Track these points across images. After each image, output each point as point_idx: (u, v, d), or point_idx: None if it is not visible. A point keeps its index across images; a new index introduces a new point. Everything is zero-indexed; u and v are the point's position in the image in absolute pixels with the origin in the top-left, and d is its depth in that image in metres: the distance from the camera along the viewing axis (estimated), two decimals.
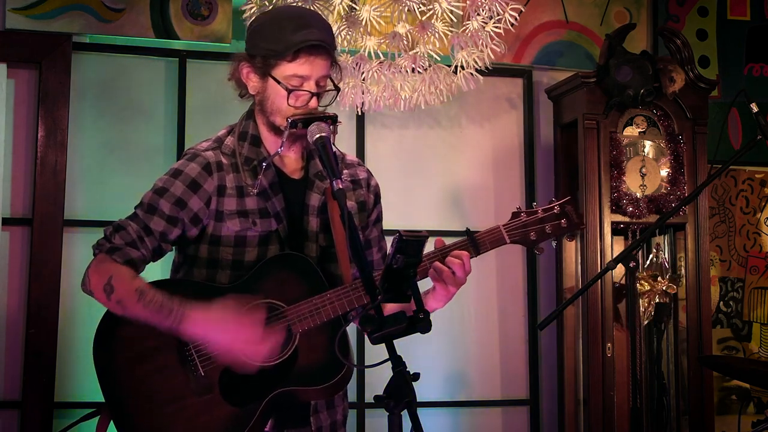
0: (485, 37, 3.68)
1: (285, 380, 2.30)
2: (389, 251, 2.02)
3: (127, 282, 2.30)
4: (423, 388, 2.45)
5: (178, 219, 2.38)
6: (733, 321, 4.65)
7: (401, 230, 2.01)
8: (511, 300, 4.41)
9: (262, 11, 3.61)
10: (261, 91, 2.41)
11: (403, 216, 4.29)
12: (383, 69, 3.66)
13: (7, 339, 3.89)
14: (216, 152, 2.43)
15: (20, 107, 3.98)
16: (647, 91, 4.06)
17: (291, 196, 2.44)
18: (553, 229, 2.46)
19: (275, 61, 2.34)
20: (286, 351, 2.30)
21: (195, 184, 2.39)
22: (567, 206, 2.47)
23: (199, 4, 4.11)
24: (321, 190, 2.46)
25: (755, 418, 4.53)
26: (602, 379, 3.97)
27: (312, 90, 2.35)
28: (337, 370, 2.30)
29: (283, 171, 2.46)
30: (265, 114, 2.41)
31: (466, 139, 4.46)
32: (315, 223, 2.45)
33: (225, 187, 2.40)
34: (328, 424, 2.48)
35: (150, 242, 2.37)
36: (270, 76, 2.36)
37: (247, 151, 2.43)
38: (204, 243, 2.42)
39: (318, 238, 2.45)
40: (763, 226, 4.73)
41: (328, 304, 2.32)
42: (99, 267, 2.34)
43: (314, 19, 2.38)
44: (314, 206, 2.45)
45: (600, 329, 4.00)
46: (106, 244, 2.35)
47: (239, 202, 2.40)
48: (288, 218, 2.42)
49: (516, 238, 2.45)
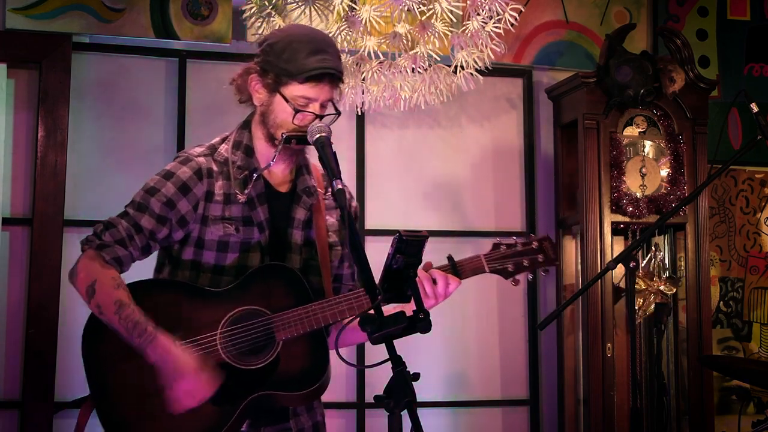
0: (485, 37, 3.68)
1: (265, 384, 2.39)
2: (389, 251, 2.02)
3: (109, 290, 2.39)
4: (423, 388, 2.45)
5: (166, 219, 2.46)
6: (733, 321, 4.65)
7: (401, 230, 2.02)
8: (511, 300, 4.40)
9: (261, 11, 3.61)
10: (267, 104, 2.50)
11: (403, 216, 4.29)
12: (383, 69, 3.66)
13: (7, 339, 3.89)
14: (208, 159, 2.53)
15: (20, 107, 3.98)
16: (647, 91, 4.06)
17: (277, 208, 2.54)
18: (530, 263, 2.57)
19: (287, 80, 2.44)
20: (268, 356, 2.40)
21: (185, 187, 2.47)
22: (545, 242, 2.59)
23: (199, 4, 4.11)
24: (307, 205, 2.57)
25: (755, 418, 4.53)
26: (602, 379, 3.98)
27: (316, 112, 2.46)
28: (315, 379, 2.42)
29: (271, 183, 2.56)
30: (267, 126, 2.51)
31: (466, 139, 4.46)
32: (299, 236, 2.55)
33: (213, 193, 2.49)
34: (310, 425, 2.56)
35: (139, 240, 2.46)
36: (279, 93, 2.45)
37: (239, 159, 2.53)
38: (189, 246, 2.50)
39: (301, 251, 2.55)
40: (763, 226, 4.73)
41: (312, 315, 2.42)
42: (87, 265, 2.43)
43: (328, 45, 2.49)
44: (299, 220, 2.56)
45: (600, 329, 4.00)
46: (95, 241, 2.44)
47: (225, 209, 2.49)
48: (272, 229, 2.52)
49: (495, 267, 2.57)
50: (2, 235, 3.90)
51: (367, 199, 4.29)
